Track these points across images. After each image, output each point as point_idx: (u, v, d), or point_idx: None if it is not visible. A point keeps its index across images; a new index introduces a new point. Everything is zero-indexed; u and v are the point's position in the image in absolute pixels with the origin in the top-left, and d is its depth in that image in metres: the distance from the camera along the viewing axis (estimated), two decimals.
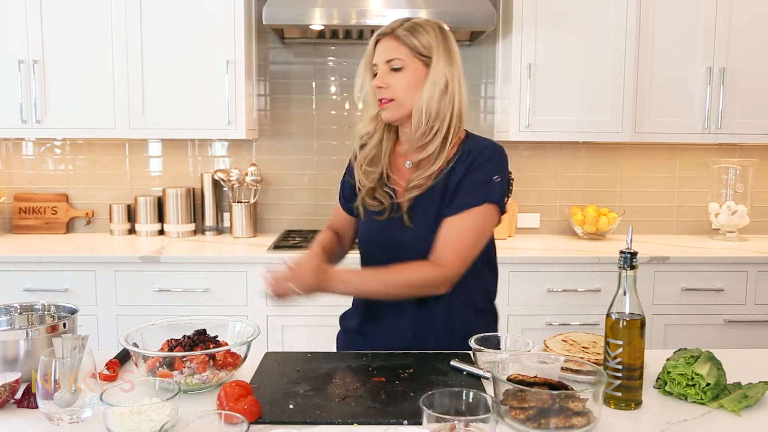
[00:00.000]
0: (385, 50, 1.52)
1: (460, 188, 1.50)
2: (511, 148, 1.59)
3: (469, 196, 1.49)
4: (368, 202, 1.60)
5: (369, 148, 1.61)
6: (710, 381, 1.20)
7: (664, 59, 2.93)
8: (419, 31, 1.50)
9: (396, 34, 1.51)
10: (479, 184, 1.49)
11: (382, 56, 1.52)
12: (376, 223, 1.59)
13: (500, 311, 1.76)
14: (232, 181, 3.15)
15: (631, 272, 1.20)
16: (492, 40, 3.22)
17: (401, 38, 1.50)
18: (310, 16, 2.70)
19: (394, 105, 1.52)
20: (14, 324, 1.43)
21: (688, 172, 3.34)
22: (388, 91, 1.51)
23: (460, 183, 1.50)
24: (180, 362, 1.24)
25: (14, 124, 2.91)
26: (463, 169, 1.51)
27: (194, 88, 2.90)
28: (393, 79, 1.50)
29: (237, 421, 0.98)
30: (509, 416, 1.11)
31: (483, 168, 1.51)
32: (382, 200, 1.58)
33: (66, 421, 1.11)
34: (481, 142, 1.57)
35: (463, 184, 1.50)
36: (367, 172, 1.60)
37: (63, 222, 3.26)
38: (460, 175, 1.51)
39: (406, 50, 1.50)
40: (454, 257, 1.47)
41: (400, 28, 1.51)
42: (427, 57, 1.50)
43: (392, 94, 1.51)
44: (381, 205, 1.58)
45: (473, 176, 1.50)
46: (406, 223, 1.54)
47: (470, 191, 1.49)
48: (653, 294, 2.77)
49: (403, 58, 1.49)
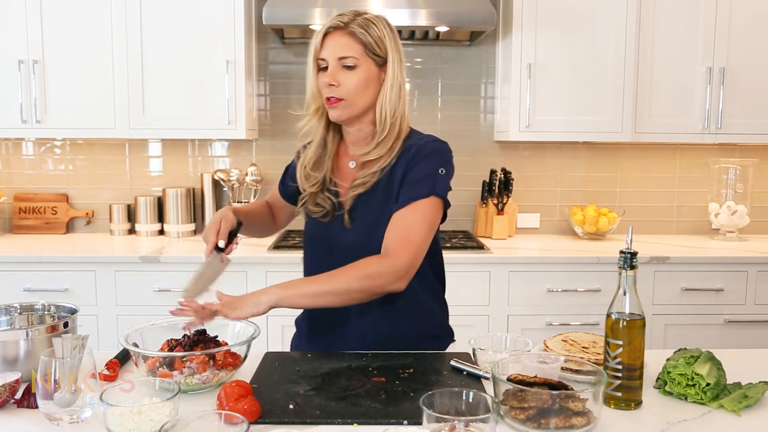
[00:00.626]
0: (338, 46, 1.43)
1: (405, 181, 1.45)
2: (511, 148, 1.59)
3: (416, 189, 1.44)
4: (311, 209, 1.55)
5: (312, 151, 1.54)
6: (710, 381, 1.20)
7: (664, 59, 2.93)
8: (372, 28, 1.43)
9: (350, 30, 1.43)
10: (425, 177, 1.45)
11: (333, 52, 1.43)
12: (319, 224, 1.55)
13: (500, 311, 1.76)
14: (232, 181, 3.15)
15: (631, 272, 1.20)
16: (492, 40, 3.22)
17: (356, 35, 1.43)
18: (310, 16, 2.70)
19: (344, 105, 1.45)
20: (14, 324, 1.43)
21: (688, 172, 3.35)
22: (339, 89, 1.43)
23: (404, 177, 1.45)
24: (180, 362, 1.24)
25: (14, 124, 2.91)
26: (404, 164, 1.46)
27: (194, 88, 2.90)
28: (344, 77, 1.43)
29: (237, 421, 0.98)
30: (509, 416, 1.11)
31: (427, 161, 1.45)
32: (323, 205, 1.53)
33: (66, 421, 1.11)
34: (423, 138, 1.52)
35: (408, 177, 1.45)
36: (309, 176, 1.54)
37: (63, 222, 3.26)
38: (403, 169, 1.46)
39: (360, 48, 1.43)
40: (402, 247, 1.40)
41: (353, 23, 1.43)
42: (379, 57, 1.45)
43: (343, 93, 1.44)
44: (323, 210, 1.53)
45: (418, 169, 1.45)
46: (347, 224, 1.50)
47: (416, 184, 1.44)
48: (653, 294, 2.77)
49: (357, 56, 1.42)
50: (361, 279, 1.38)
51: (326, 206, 1.53)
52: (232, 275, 2.70)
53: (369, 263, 1.40)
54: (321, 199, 1.53)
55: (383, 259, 1.41)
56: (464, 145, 3.23)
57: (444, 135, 1.57)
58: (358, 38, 1.42)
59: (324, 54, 1.44)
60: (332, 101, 1.45)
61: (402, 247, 1.41)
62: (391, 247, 1.41)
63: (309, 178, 1.54)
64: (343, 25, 1.43)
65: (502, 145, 3.28)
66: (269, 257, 2.72)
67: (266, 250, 2.79)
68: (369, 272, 1.38)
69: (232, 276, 2.69)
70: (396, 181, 1.46)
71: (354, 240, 1.48)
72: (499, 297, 2.73)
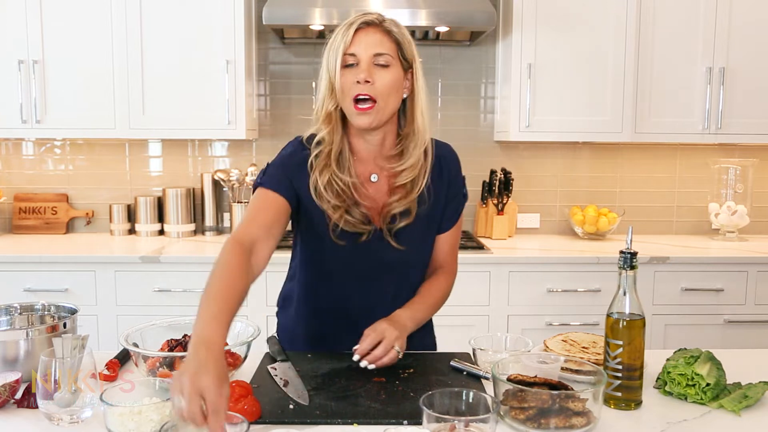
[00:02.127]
0: (374, 42, 1.32)
1: (449, 198, 1.50)
2: (511, 148, 1.59)
3: (458, 204, 1.53)
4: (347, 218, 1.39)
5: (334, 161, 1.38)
6: (710, 381, 1.20)
7: (664, 59, 2.93)
8: (403, 30, 1.37)
9: (386, 28, 1.34)
10: (460, 188, 1.54)
11: (368, 47, 1.32)
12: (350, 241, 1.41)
13: (500, 311, 1.76)
14: (232, 181, 3.15)
15: (631, 272, 1.20)
16: (492, 40, 3.22)
17: (392, 33, 1.34)
18: (310, 16, 2.70)
19: (376, 109, 1.33)
20: (14, 324, 1.43)
21: (688, 172, 3.34)
22: (373, 87, 1.32)
23: (448, 194, 1.50)
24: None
25: (14, 124, 2.91)
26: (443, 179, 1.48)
27: (194, 88, 2.90)
28: (378, 75, 1.32)
29: (237, 421, 0.98)
30: (509, 416, 1.11)
31: (459, 173, 1.53)
32: (358, 218, 1.40)
33: (66, 421, 1.11)
34: (440, 147, 1.50)
35: (450, 192, 1.50)
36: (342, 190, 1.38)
37: (63, 222, 3.26)
38: (443, 185, 1.48)
39: (394, 47, 1.35)
40: (454, 260, 1.57)
41: (386, 21, 1.35)
42: (406, 60, 1.37)
43: (377, 92, 1.32)
44: (360, 224, 1.40)
45: (457, 184, 1.52)
46: (391, 242, 1.42)
47: (456, 199, 1.52)
48: (653, 294, 2.77)
49: (391, 54, 1.34)
50: (443, 300, 1.53)
51: (361, 218, 1.40)
52: None
53: (445, 286, 1.54)
54: (354, 214, 1.40)
55: (447, 279, 1.55)
56: (464, 145, 3.22)
57: (444, 135, 1.57)
58: (394, 37, 1.35)
59: (355, 49, 1.32)
60: (363, 106, 1.33)
61: (456, 261, 1.57)
62: (447, 264, 1.55)
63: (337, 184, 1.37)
64: (377, 22, 1.35)
65: (502, 145, 3.28)
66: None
67: None
68: (446, 293, 1.54)
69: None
70: (439, 198, 1.48)
71: (401, 257, 1.45)
72: (499, 297, 2.73)
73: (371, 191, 1.43)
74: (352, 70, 1.33)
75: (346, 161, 1.40)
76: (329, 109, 1.36)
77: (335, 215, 1.39)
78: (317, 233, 1.43)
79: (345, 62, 1.33)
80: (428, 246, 1.52)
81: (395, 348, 1.33)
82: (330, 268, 1.48)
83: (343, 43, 1.32)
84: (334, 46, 1.34)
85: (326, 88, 1.36)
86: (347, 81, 1.33)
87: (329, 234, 1.40)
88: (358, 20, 1.35)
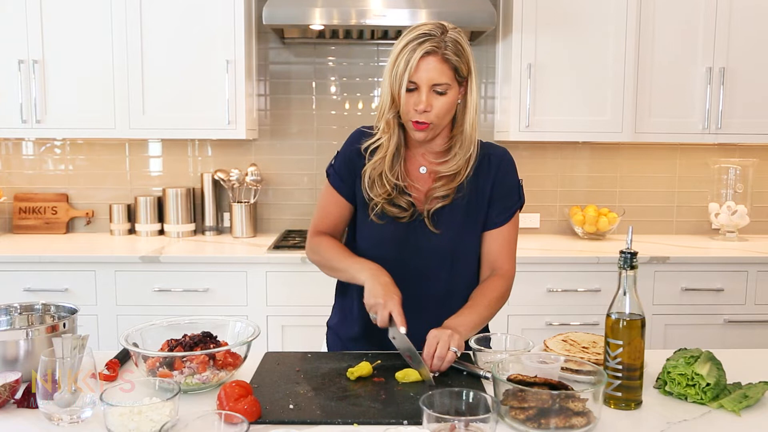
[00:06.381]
0: (433, 73, 1.44)
1: (496, 196, 1.57)
2: (511, 148, 1.59)
3: (509, 203, 1.59)
4: (389, 209, 1.55)
5: (389, 158, 1.54)
6: (710, 381, 1.20)
7: (664, 59, 2.93)
8: (461, 53, 1.46)
9: (444, 56, 1.44)
10: (514, 189, 1.61)
11: (428, 78, 1.44)
12: (395, 225, 1.56)
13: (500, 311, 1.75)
14: (232, 181, 3.15)
15: (631, 272, 1.20)
16: (492, 40, 3.22)
17: (450, 61, 1.44)
18: (310, 16, 2.70)
19: (431, 128, 1.49)
20: (14, 324, 1.43)
21: (688, 172, 3.34)
22: (429, 114, 1.47)
23: (493, 190, 1.57)
24: (180, 362, 1.24)
25: (14, 124, 2.91)
26: (489, 175, 1.57)
27: (194, 88, 2.90)
28: (435, 102, 1.46)
29: (237, 421, 0.98)
30: (509, 416, 1.11)
31: (512, 174, 1.61)
32: (402, 205, 1.55)
33: (66, 421, 1.11)
34: (493, 147, 1.62)
35: (499, 191, 1.57)
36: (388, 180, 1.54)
37: (63, 222, 3.26)
38: (489, 181, 1.57)
39: (452, 74, 1.46)
40: (512, 265, 1.61)
41: (445, 47, 1.44)
42: (462, 77, 1.48)
43: (432, 117, 1.47)
44: (403, 211, 1.55)
45: (507, 183, 1.59)
46: (431, 228, 1.54)
47: (508, 198, 1.59)
48: (653, 294, 2.77)
49: (449, 82, 1.45)
50: (499, 301, 1.56)
51: (405, 206, 1.55)
52: (232, 275, 2.71)
53: (498, 286, 1.56)
54: (399, 201, 1.55)
55: (504, 281, 1.58)
56: None
57: None
58: (452, 64, 1.45)
59: (417, 78, 1.44)
60: (422, 126, 1.48)
61: (511, 262, 1.61)
62: (502, 265, 1.59)
63: (387, 183, 1.54)
64: (437, 49, 1.43)
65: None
66: (269, 257, 2.72)
67: (266, 251, 2.79)
68: (502, 294, 1.57)
69: (232, 276, 2.70)
70: (482, 192, 1.57)
71: (440, 244, 1.55)
72: None
73: (419, 182, 1.58)
74: (413, 94, 1.47)
75: (397, 163, 1.56)
76: (389, 117, 1.51)
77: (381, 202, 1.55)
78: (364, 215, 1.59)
79: (407, 87, 1.46)
80: (470, 237, 1.59)
81: (452, 349, 1.35)
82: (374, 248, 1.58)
83: (408, 70, 1.44)
84: (398, 70, 1.45)
85: (389, 99, 1.49)
86: (408, 103, 1.47)
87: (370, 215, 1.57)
88: (420, 49, 1.43)
